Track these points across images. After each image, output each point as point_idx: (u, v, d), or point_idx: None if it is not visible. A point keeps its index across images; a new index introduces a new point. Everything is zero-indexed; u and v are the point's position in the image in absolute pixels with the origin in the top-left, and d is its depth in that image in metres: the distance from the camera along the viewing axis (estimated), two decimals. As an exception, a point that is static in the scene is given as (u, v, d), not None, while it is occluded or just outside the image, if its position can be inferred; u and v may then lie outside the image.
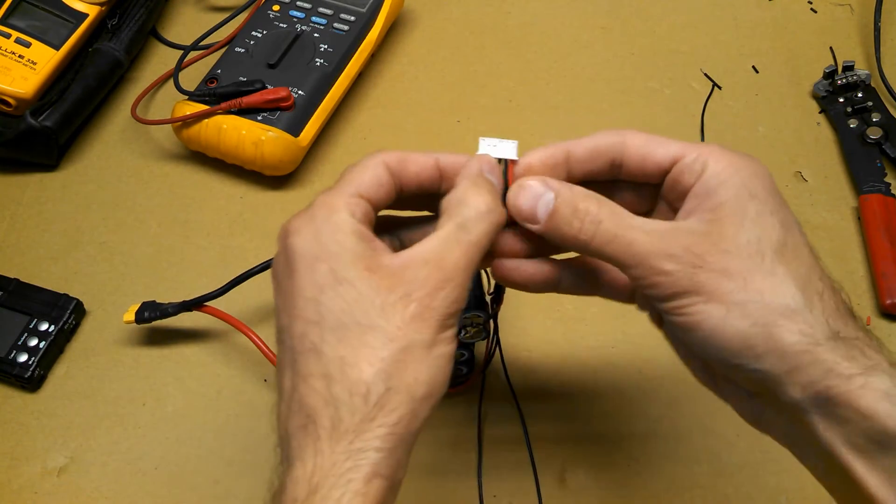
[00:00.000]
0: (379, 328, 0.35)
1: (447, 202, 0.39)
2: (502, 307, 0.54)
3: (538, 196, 0.39)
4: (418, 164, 0.41)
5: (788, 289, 0.36)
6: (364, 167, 0.40)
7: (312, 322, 0.36)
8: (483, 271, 0.51)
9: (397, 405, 0.35)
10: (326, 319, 0.36)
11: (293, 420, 0.36)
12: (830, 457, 0.35)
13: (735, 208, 0.37)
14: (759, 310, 0.35)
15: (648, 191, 0.42)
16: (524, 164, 0.41)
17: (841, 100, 0.69)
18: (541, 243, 0.41)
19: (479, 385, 0.56)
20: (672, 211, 0.40)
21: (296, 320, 0.36)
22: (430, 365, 0.36)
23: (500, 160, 0.41)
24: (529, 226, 0.39)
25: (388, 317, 0.35)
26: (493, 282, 0.47)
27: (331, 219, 0.38)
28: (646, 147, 0.39)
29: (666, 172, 0.39)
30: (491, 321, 0.51)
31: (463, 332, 0.52)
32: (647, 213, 0.42)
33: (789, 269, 0.36)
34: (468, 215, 0.38)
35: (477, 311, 0.51)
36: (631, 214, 0.38)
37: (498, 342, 0.54)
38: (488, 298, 0.50)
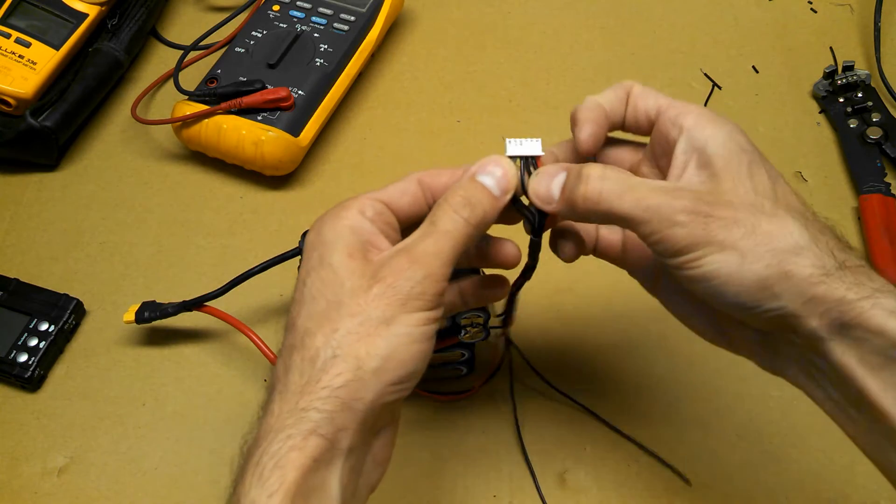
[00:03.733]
0: (343, 305, 0.38)
1: (440, 200, 0.41)
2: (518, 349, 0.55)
3: (552, 176, 0.42)
4: (448, 175, 0.43)
5: (793, 228, 0.38)
6: (397, 181, 0.43)
7: (297, 301, 0.39)
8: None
9: (342, 371, 0.36)
10: (305, 298, 0.39)
11: (269, 388, 0.39)
12: (846, 382, 0.37)
13: (728, 162, 0.39)
14: (771, 252, 0.37)
15: (633, 151, 0.45)
16: (548, 153, 0.44)
17: (841, 100, 0.69)
18: None
19: (508, 376, 0.56)
20: (657, 170, 0.43)
21: (291, 302, 0.40)
22: (386, 340, 0.37)
23: (524, 158, 0.43)
24: (548, 207, 0.42)
25: (355, 295, 0.38)
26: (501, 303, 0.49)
27: (338, 215, 0.41)
28: (641, 97, 0.43)
29: (652, 123, 0.42)
30: (503, 339, 0.53)
31: (463, 332, 0.52)
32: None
33: (788, 211, 0.38)
34: (438, 211, 0.40)
35: (477, 311, 0.51)
36: (634, 176, 0.40)
37: (510, 360, 0.54)
38: (499, 321, 0.51)
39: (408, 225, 0.42)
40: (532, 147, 0.43)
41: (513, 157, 0.43)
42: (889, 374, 0.36)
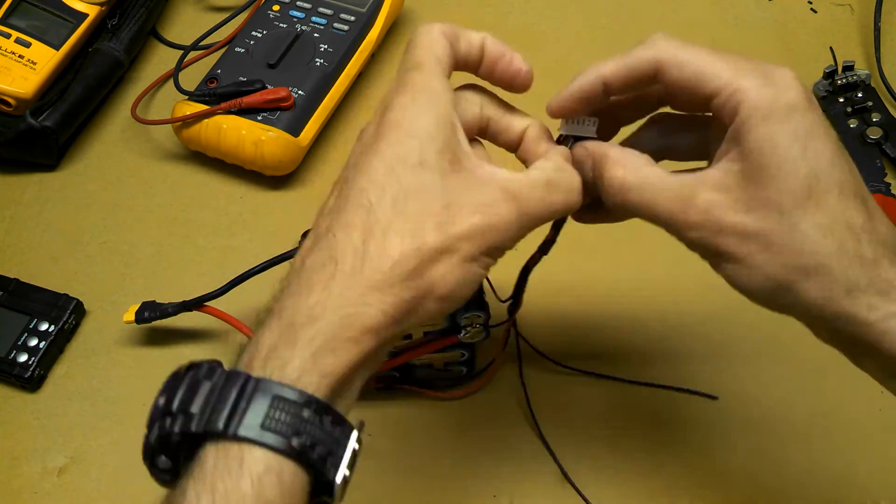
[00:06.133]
0: (435, 219, 0.36)
1: (549, 152, 0.42)
2: (519, 334, 0.55)
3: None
4: (468, 41, 0.42)
5: (813, 243, 0.36)
6: (431, 41, 0.41)
7: (378, 184, 0.37)
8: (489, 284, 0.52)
9: (416, 287, 0.36)
10: (393, 187, 0.37)
11: (314, 256, 0.37)
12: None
13: (761, 162, 0.36)
14: (783, 268, 0.36)
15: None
16: (559, 101, 0.43)
17: (841, 100, 0.69)
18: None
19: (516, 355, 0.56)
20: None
21: (362, 175, 0.37)
22: (460, 273, 0.37)
23: (574, 137, 0.43)
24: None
25: (450, 214, 0.37)
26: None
27: (434, 103, 0.38)
28: (683, 78, 0.38)
29: (707, 102, 0.38)
30: (509, 327, 0.53)
31: (463, 333, 0.52)
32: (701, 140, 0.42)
33: (815, 219, 0.36)
34: (559, 184, 0.40)
35: (477, 311, 0.51)
36: (652, 168, 0.39)
37: (518, 343, 0.55)
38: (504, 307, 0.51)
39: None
40: (586, 129, 0.43)
41: (565, 137, 0.43)
42: None
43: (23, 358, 0.57)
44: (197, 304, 0.57)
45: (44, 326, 0.58)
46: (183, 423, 0.34)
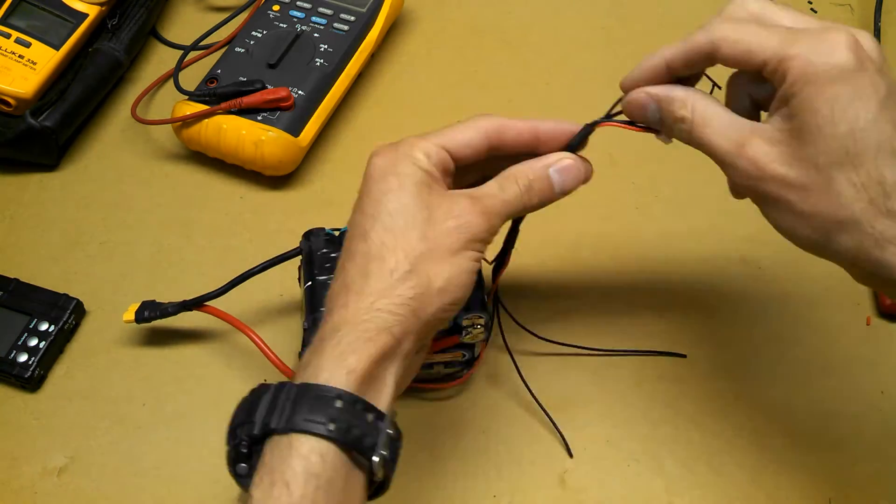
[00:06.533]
0: (419, 230, 0.44)
1: (514, 168, 0.47)
2: (504, 307, 0.55)
3: (643, 107, 0.46)
4: (517, 131, 0.48)
5: (842, 200, 0.39)
6: (463, 127, 0.47)
7: (369, 215, 0.44)
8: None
9: (415, 285, 0.43)
10: (381, 214, 0.44)
11: (335, 285, 0.44)
12: None
13: (803, 122, 0.40)
14: (816, 221, 0.40)
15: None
16: (631, 77, 0.47)
17: (841, 100, 0.69)
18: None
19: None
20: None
21: (358, 214, 0.45)
22: (450, 266, 0.44)
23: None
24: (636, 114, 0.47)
25: (430, 225, 0.44)
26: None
27: (409, 153, 0.45)
28: (735, 55, 0.42)
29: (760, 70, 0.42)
30: (492, 292, 0.53)
31: (464, 333, 0.52)
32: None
33: (849, 177, 0.39)
34: (507, 181, 0.47)
35: (478, 312, 0.51)
36: (716, 109, 0.43)
37: (500, 323, 0.55)
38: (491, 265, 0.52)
39: (461, 166, 0.47)
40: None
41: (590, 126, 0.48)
42: None
43: (23, 358, 0.57)
44: (197, 303, 0.57)
45: (44, 326, 0.58)
46: (248, 430, 0.41)
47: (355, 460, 0.40)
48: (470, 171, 0.48)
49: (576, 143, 0.48)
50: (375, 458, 0.40)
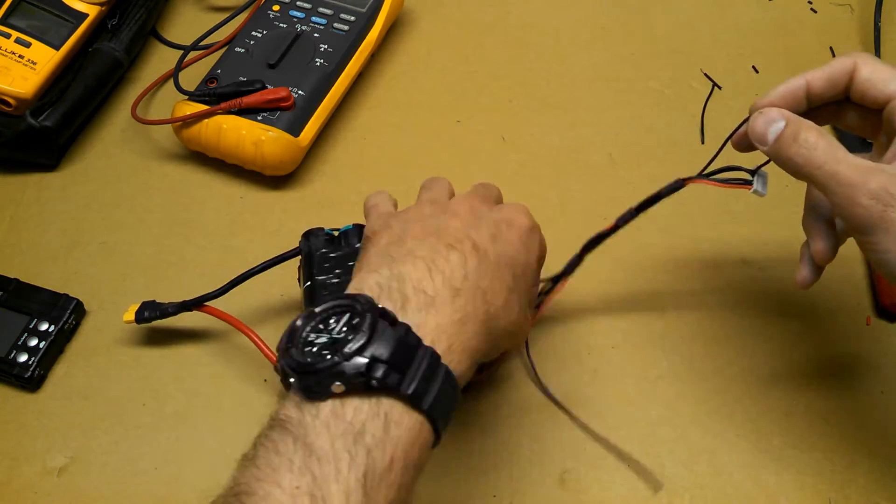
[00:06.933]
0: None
1: None
2: None
3: (772, 121, 0.45)
4: None
5: None
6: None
7: (504, 256, 0.47)
8: None
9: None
10: (513, 265, 0.47)
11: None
12: None
13: None
14: None
15: (874, 116, 0.47)
16: (768, 99, 0.48)
17: (841, 100, 0.69)
18: None
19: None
20: (888, 145, 0.45)
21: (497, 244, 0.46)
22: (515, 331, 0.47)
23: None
24: (760, 146, 0.46)
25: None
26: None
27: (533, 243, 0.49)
28: (870, 80, 0.45)
29: (884, 106, 0.45)
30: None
31: None
32: (869, 140, 0.48)
33: None
34: None
35: None
36: (843, 149, 0.43)
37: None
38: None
39: None
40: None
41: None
42: None
43: (23, 358, 0.57)
44: (197, 303, 0.57)
45: (44, 326, 0.58)
46: (394, 381, 0.38)
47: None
48: None
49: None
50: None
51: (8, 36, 0.67)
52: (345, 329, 0.39)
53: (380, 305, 0.40)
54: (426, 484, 0.53)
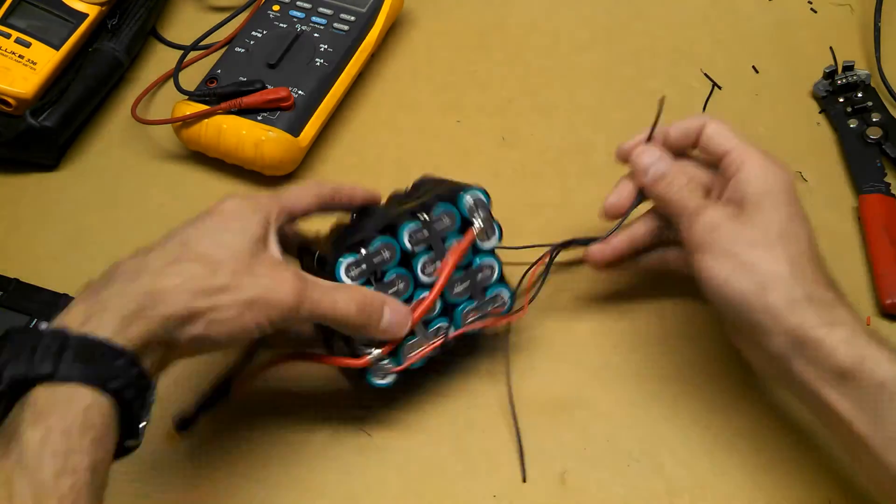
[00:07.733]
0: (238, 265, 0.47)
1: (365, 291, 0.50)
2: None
3: (655, 160, 0.53)
4: (346, 196, 0.53)
5: (780, 261, 0.47)
6: (301, 194, 0.52)
7: (205, 229, 0.51)
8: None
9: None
10: (212, 235, 0.50)
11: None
12: (811, 391, 0.46)
13: (754, 202, 0.49)
14: (756, 273, 0.47)
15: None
16: (628, 143, 0.55)
17: (841, 100, 0.69)
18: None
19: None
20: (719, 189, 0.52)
21: (190, 228, 0.51)
22: (236, 316, 0.46)
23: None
24: (640, 178, 0.53)
25: (248, 270, 0.47)
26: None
27: (256, 209, 0.49)
28: (713, 138, 0.52)
29: (721, 160, 0.52)
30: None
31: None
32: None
33: (786, 248, 0.48)
34: (351, 299, 0.49)
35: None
36: (697, 191, 0.52)
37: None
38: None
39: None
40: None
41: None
42: (842, 388, 0.45)
43: (23, 358, 0.57)
44: (197, 304, 0.57)
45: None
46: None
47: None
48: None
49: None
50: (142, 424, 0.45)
51: (8, 36, 0.67)
52: None
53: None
54: (426, 483, 0.54)
